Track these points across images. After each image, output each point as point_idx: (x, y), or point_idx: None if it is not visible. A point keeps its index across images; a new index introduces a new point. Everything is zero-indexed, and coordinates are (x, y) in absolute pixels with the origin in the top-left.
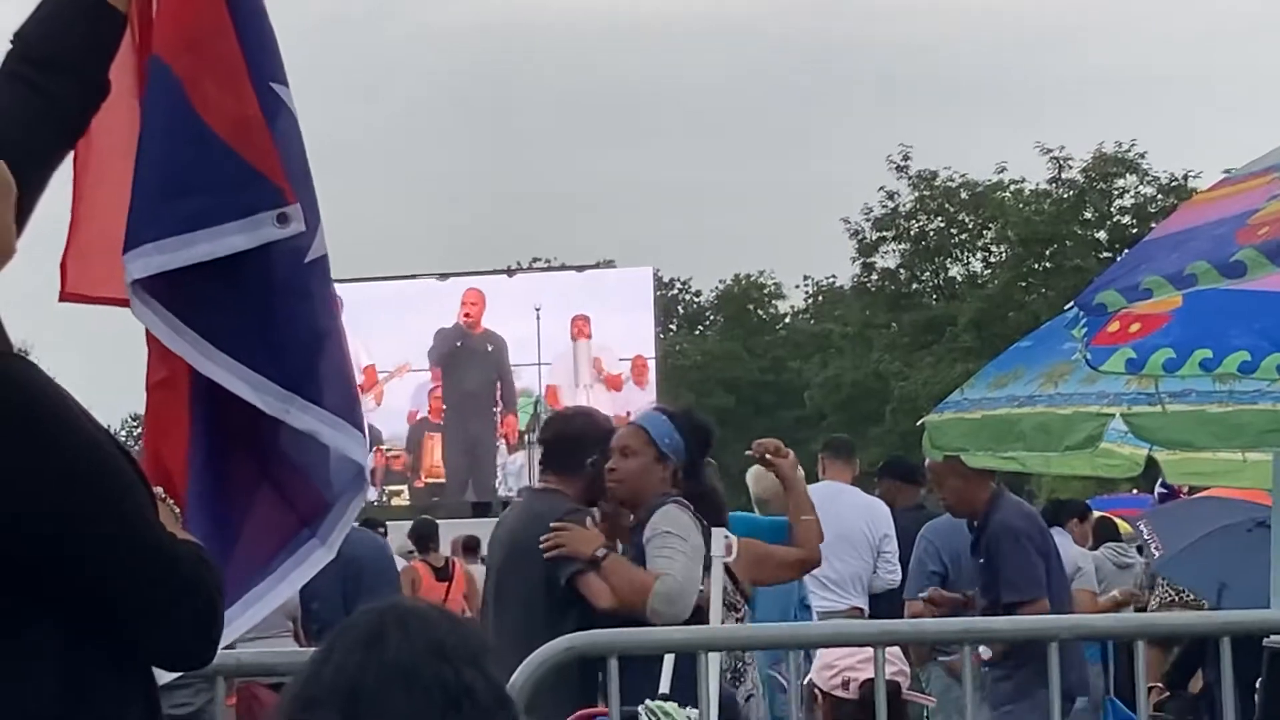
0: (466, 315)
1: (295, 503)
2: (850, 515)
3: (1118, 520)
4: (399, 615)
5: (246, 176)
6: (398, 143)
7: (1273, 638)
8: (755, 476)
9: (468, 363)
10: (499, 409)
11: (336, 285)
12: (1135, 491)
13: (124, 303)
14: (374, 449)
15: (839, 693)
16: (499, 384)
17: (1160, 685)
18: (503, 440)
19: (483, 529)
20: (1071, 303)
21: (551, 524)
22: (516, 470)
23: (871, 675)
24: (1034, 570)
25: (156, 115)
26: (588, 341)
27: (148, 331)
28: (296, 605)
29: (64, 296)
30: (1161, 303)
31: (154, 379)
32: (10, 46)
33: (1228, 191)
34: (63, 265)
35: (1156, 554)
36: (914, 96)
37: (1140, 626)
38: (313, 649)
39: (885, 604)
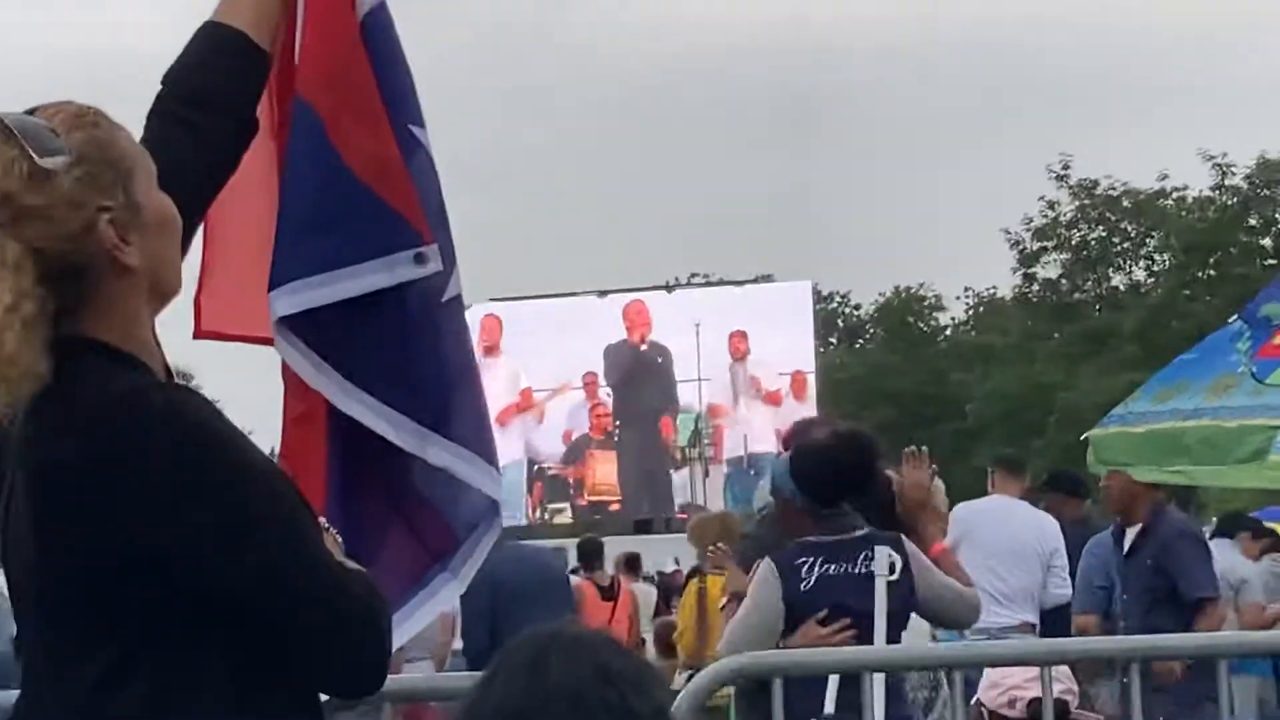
0: (632, 330)
1: (427, 538)
2: (1021, 530)
3: None
4: (564, 640)
5: (385, 216)
6: (559, 160)
7: None
8: None
9: (641, 378)
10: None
11: (497, 304)
12: None
13: (258, 339)
14: (535, 468)
15: (1005, 711)
16: (668, 397)
17: None
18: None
19: (644, 546)
20: (1235, 315)
21: None
22: (680, 487)
23: (1038, 694)
24: (1213, 571)
25: (300, 155)
26: (745, 357)
27: (284, 367)
28: (435, 635)
29: (199, 334)
30: None
31: (292, 414)
32: (161, 88)
33: None
34: (196, 303)
35: None
36: (1075, 104)
37: None
38: (478, 673)
39: (1057, 618)
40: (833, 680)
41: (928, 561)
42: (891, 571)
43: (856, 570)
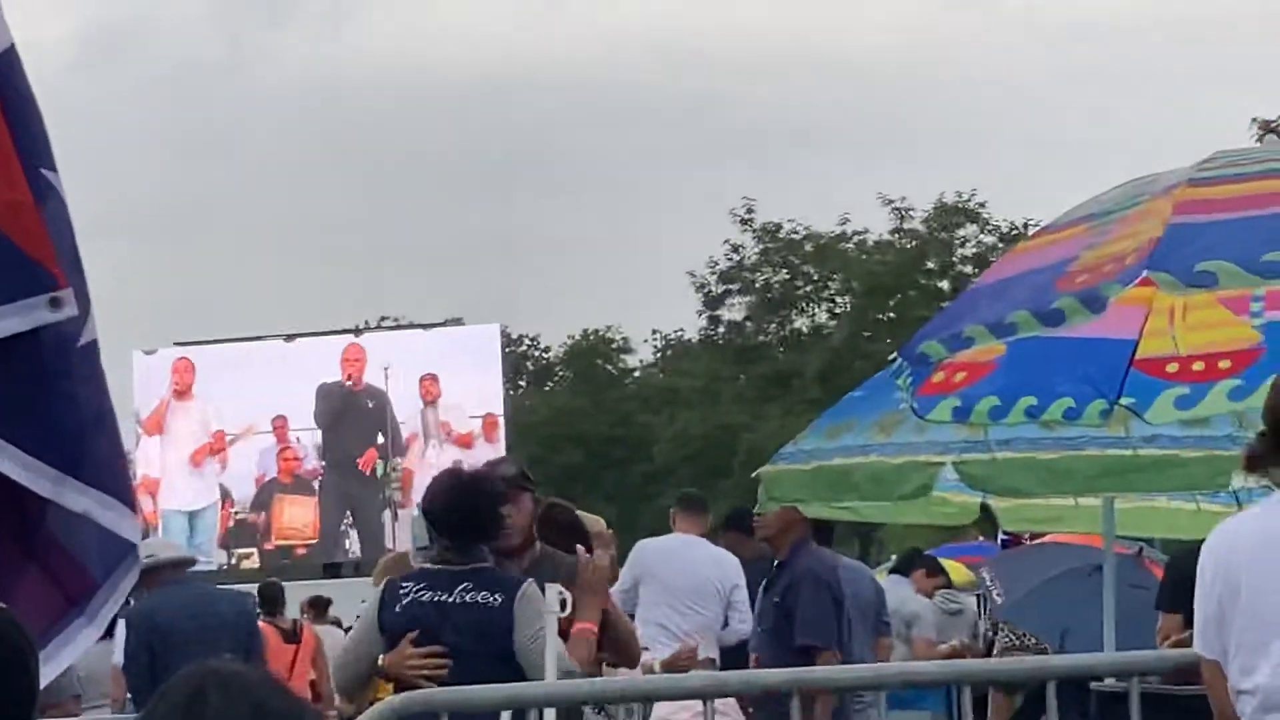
0: (348, 375)
1: (63, 583)
2: (701, 567)
3: (960, 566)
4: (221, 677)
5: (18, 261)
6: (240, 200)
7: (1103, 681)
8: None
9: (351, 419)
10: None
11: (186, 348)
12: (981, 539)
13: None
14: (223, 509)
15: None
16: (381, 440)
17: None
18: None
19: (334, 590)
20: (895, 353)
21: None
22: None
23: None
24: (831, 620)
25: None
26: (436, 401)
27: None
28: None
29: None
30: (984, 351)
31: None
32: None
33: (1047, 240)
34: None
35: (999, 600)
36: (759, 149)
37: (967, 673)
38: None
39: (738, 654)
40: (504, 716)
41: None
42: (563, 609)
43: (452, 599)
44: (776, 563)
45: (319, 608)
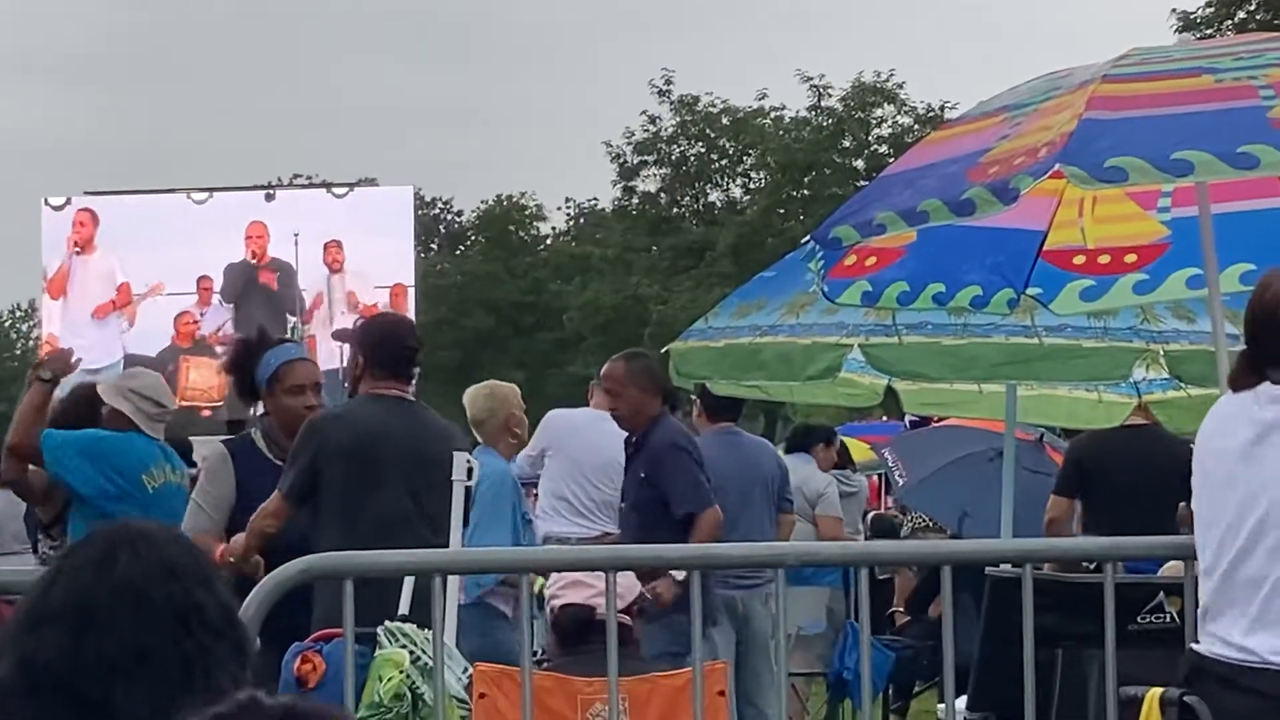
0: (251, 252)
1: None
2: (609, 443)
3: (863, 445)
4: (129, 536)
5: None
6: (154, 50)
7: (999, 567)
8: (471, 398)
9: (257, 295)
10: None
11: (93, 198)
12: (885, 419)
13: None
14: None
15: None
16: (287, 318)
17: (902, 609)
18: None
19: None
20: (808, 236)
21: None
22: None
23: (568, 601)
24: (702, 482)
25: None
26: (342, 269)
27: None
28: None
29: None
30: (895, 238)
31: None
32: None
33: (962, 130)
34: None
35: (900, 481)
36: (677, 21)
37: (865, 555)
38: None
39: None
40: (408, 582)
41: None
42: (469, 476)
43: None
44: (634, 439)
45: None
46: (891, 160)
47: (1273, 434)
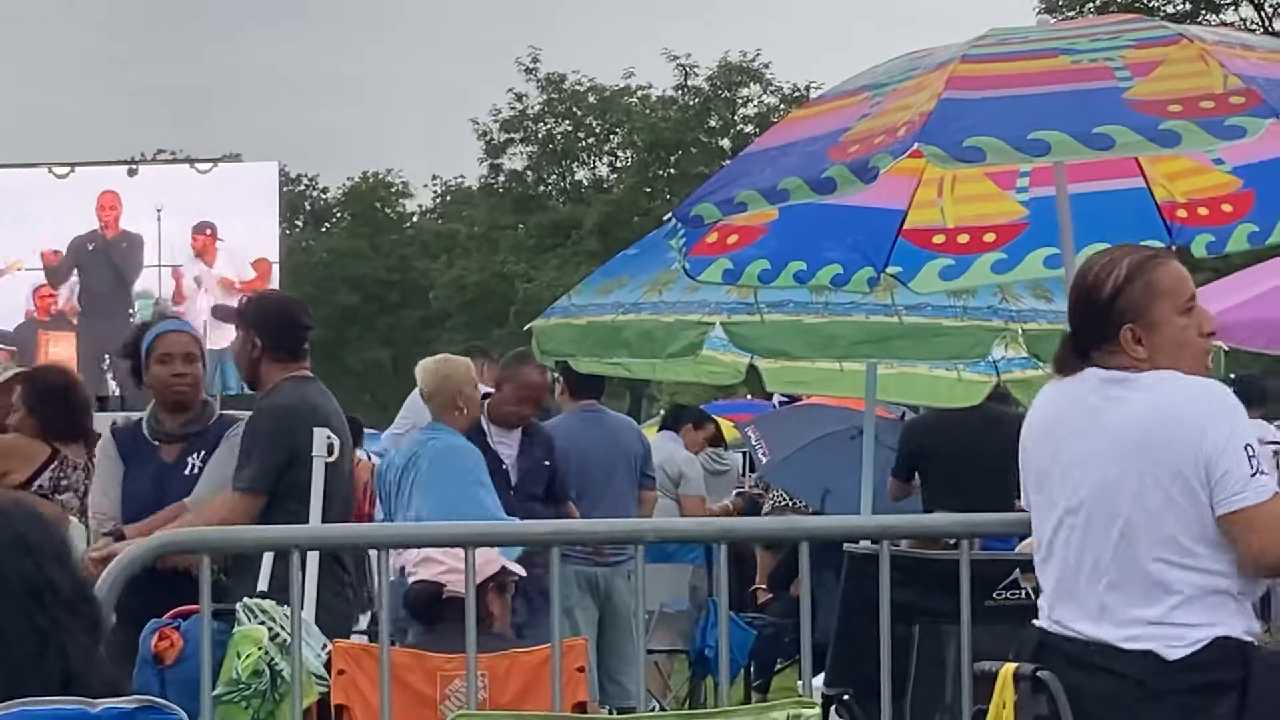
0: (104, 222)
1: None
2: None
3: (728, 424)
4: None
5: None
6: (30, 25)
7: (857, 544)
8: (422, 371)
9: (101, 266)
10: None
11: None
12: (750, 397)
13: None
14: None
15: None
16: (139, 286)
17: (764, 587)
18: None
19: (102, 423)
20: (670, 214)
21: None
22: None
23: (420, 578)
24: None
25: None
26: (207, 248)
27: None
28: None
29: None
30: (756, 215)
31: None
32: None
33: (823, 109)
34: None
35: (764, 459)
36: None
37: (723, 531)
38: None
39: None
40: (266, 558)
41: None
42: (330, 453)
43: None
44: (523, 430)
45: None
46: None
47: (1098, 418)
